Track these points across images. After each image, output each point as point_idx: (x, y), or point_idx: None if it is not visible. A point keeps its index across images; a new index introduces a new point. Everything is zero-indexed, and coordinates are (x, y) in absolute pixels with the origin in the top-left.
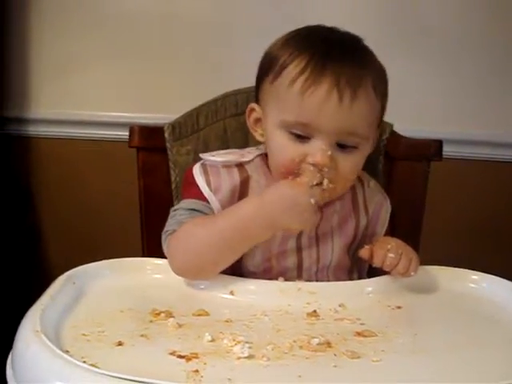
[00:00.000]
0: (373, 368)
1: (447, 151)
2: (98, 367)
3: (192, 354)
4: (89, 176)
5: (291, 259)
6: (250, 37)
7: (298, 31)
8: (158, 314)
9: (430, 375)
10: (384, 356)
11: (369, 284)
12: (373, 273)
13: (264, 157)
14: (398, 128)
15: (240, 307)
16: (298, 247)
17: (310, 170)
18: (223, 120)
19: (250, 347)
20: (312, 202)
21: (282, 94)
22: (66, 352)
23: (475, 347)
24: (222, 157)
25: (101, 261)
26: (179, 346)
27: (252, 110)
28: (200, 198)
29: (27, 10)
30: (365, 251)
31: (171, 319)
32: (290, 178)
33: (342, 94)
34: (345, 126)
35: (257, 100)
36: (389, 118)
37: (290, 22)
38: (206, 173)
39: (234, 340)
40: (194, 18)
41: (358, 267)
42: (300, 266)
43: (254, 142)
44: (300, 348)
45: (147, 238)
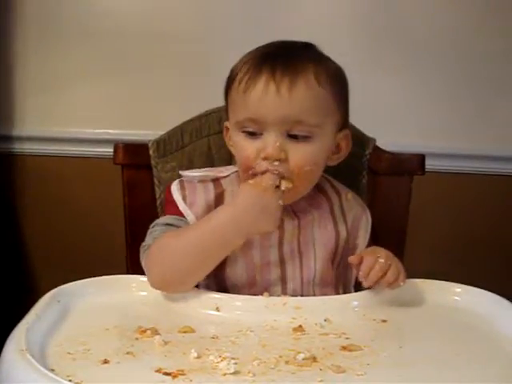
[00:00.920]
0: (358, 382)
1: (430, 164)
2: None
3: (178, 370)
4: (74, 193)
5: (275, 271)
6: (234, 53)
7: (259, 46)
8: (144, 331)
9: None
10: (369, 370)
11: (354, 298)
12: (359, 289)
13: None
14: (381, 143)
15: (225, 323)
16: (281, 259)
17: (267, 175)
18: (207, 137)
19: (236, 363)
20: (280, 203)
21: (234, 97)
22: (52, 371)
23: (460, 360)
24: (200, 172)
25: (86, 279)
26: (165, 363)
27: (226, 127)
28: (177, 213)
29: (12, 28)
30: (354, 257)
31: (157, 336)
32: (250, 173)
33: (278, 84)
34: (288, 115)
35: (227, 114)
36: (371, 133)
37: (273, 38)
38: (182, 188)
39: (220, 356)
40: (177, 35)
41: (343, 283)
42: (284, 278)
43: None
44: (286, 363)
45: (131, 254)
